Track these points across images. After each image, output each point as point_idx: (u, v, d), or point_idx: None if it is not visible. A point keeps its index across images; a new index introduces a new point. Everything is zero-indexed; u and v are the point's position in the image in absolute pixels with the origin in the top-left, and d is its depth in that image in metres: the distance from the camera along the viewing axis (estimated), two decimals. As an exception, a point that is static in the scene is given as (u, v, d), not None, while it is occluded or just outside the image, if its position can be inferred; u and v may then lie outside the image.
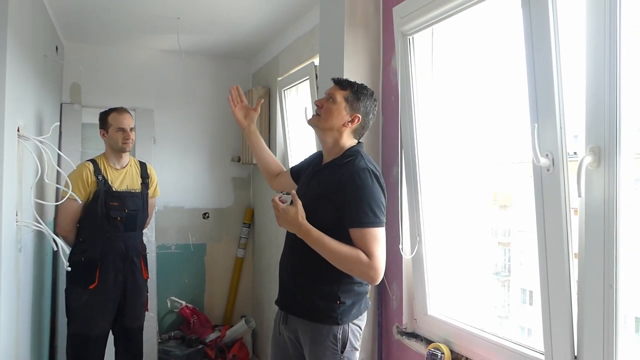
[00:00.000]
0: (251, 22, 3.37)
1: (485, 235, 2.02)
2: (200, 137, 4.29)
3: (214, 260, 4.37)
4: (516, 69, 1.79)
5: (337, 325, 1.69)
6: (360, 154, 1.76)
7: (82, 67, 3.63)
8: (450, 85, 2.02)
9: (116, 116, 2.77)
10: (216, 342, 3.96)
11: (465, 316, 1.89)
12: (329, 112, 1.74)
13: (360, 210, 1.62)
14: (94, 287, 2.69)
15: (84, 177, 2.68)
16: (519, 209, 1.96)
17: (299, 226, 1.64)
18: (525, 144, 1.84)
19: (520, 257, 2.05)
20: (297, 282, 1.77)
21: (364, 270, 1.61)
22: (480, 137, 1.96)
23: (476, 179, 1.99)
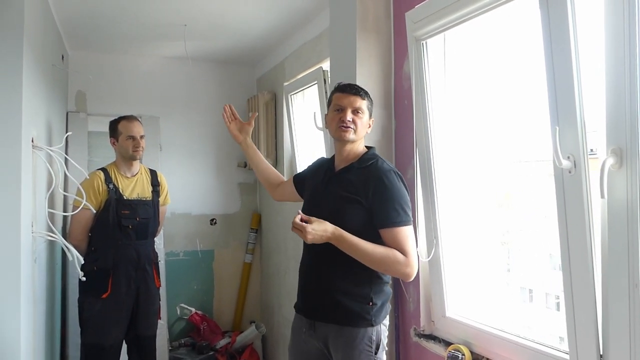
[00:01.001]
0: (257, 28, 3.38)
1: (499, 236, 2.02)
2: (206, 143, 4.30)
3: (222, 266, 4.37)
4: (528, 72, 1.82)
5: (371, 327, 1.72)
6: (379, 157, 1.83)
7: (85, 75, 3.63)
8: (463, 89, 2.04)
9: (126, 124, 2.77)
10: (227, 348, 3.96)
11: (484, 317, 1.90)
12: (362, 124, 1.79)
13: (392, 210, 1.67)
14: (107, 297, 2.69)
15: (95, 186, 2.69)
16: (529, 208, 1.97)
17: (332, 235, 1.65)
18: (539, 144, 1.86)
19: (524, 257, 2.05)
20: (326, 287, 1.76)
21: (401, 269, 1.66)
22: (494, 139, 1.97)
23: (491, 180, 1.99)
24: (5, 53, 1.82)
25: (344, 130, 1.76)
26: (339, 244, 1.66)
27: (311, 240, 1.65)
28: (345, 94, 1.79)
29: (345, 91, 1.80)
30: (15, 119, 1.83)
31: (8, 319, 1.81)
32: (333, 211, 1.72)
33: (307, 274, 1.85)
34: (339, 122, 1.77)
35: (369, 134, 1.96)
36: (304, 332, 1.83)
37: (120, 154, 2.81)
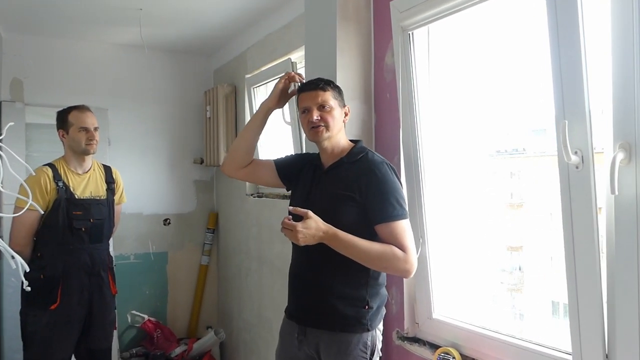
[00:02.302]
0: (219, 15, 3.19)
1: (493, 234, 1.98)
2: (159, 138, 4.03)
3: (177, 269, 4.12)
4: (519, 65, 1.79)
5: (367, 332, 1.64)
6: (368, 149, 1.76)
7: (25, 61, 3.28)
8: (450, 82, 1.98)
9: (78, 115, 2.51)
10: (183, 357, 3.74)
11: (474, 318, 1.85)
12: (333, 119, 1.70)
13: (388, 204, 1.58)
14: (55, 308, 2.42)
15: (42, 183, 2.40)
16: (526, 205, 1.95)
17: (325, 234, 1.55)
18: (533, 139, 1.84)
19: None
20: (320, 291, 1.67)
21: (400, 265, 1.56)
22: (484, 133, 1.93)
23: (480, 175, 1.95)
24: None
25: (316, 132, 1.70)
26: (333, 244, 1.56)
27: (303, 241, 1.54)
28: (307, 92, 1.73)
29: (306, 89, 1.74)
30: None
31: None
32: (325, 210, 1.61)
33: (299, 276, 1.75)
34: (308, 125, 1.70)
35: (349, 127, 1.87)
36: (295, 337, 1.72)
37: (70, 148, 2.53)
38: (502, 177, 2.02)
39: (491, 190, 2.02)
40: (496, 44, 1.87)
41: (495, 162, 1.96)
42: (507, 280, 2.11)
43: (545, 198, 1.90)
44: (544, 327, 1.89)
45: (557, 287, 1.86)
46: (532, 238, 1.99)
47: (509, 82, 1.88)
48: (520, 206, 2.08)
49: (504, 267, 2.06)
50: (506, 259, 2.05)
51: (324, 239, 1.55)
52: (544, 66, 1.49)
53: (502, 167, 1.96)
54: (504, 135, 1.94)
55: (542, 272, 2.00)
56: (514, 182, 2.06)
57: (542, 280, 2.00)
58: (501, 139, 1.93)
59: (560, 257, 1.67)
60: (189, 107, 4.13)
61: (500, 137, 1.93)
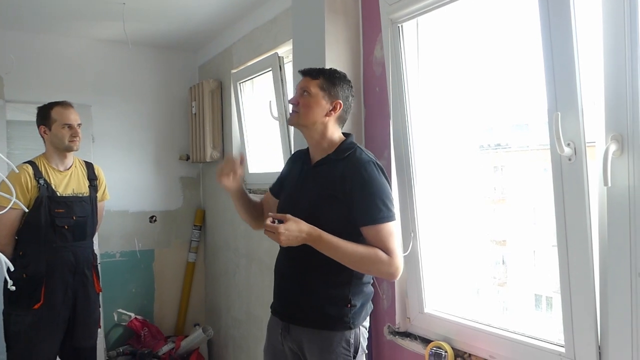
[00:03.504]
0: (203, 10, 3.13)
1: (478, 228, 1.98)
2: (145, 135, 3.96)
3: (163, 266, 4.07)
4: (509, 57, 1.78)
5: (349, 330, 1.61)
6: (357, 146, 1.68)
7: (13, 57, 3.19)
8: (440, 75, 1.97)
9: (61, 111, 2.44)
10: (170, 355, 3.69)
11: (466, 312, 1.85)
12: (307, 106, 1.64)
13: (373, 206, 1.53)
14: (39, 307, 2.37)
15: (22, 181, 2.34)
16: (517, 199, 1.95)
17: (309, 235, 1.52)
18: (525, 132, 1.83)
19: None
20: (303, 289, 1.65)
21: (384, 269, 1.53)
22: (475, 127, 1.92)
23: (472, 169, 1.95)
24: None
25: (291, 116, 1.68)
26: (317, 245, 1.54)
27: (285, 242, 1.51)
28: (301, 77, 1.70)
29: (301, 75, 1.70)
30: None
31: None
32: (309, 210, 1.59)
33: (283, 274, 1.74)
34: None
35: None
36: (279, 333, 1.72)
37: (52, 144, 2.47)
38: (486, 172, 2.02)
39: (476, 185, 2.02)
40: (485, 38, 1.86)
41: (480, 157, 1.95)
42: (492, 273, 2.11)
43: (528, 192, 1.90)
44: (527, 319, 1.90)
45: (541, 281, 1.87)
46: (516, 232, 1.99)
47: (495, 76, 1.87)
48: (503, 200, 2.08)
49: (489, 260, 2.07)
50: (491, 253, 2.05)
51: (307, 241, 1.53)
52: (532, 60, 1.49)
53: (486, 162, 1.95)
54: (487, 130, 1.94)
55: (525, 266, 2.00)
56: (497, 177, 2.06)
57: (526, 274, 2.00)
58: (485, 134, 1.93)
59: (543, 251, 1.67)
60: (174, 103, 4.07)
61: (485, 132, 1.92)
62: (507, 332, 1.65)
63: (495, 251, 2.06)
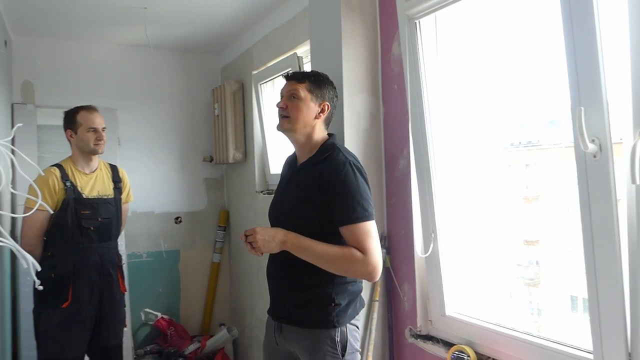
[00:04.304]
0: (223, 12, 3.15)
1: (508, 228, 1.92)
2: (169, 137, 4.02)
3: (189, 267, 4.11)
4: (532, 51, 1.72)
5: (333, 328, 1.62)
6: (337, 147, 1.68)
7: (39, 63, 3.29)
8: (460, 71, 1.91)
9: (86, 115, 2.50)
10: (196, 354, 3.73)
11: (489, 315, 1.79)
12: (297, 110, 1.65)
13: (348, 206, 1.55)
14: (67, 306, 2.42)
15: (50, 184, 2.40)
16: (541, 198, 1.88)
17: (283, 240, 1.57)
18: (549, 129, 1.77)
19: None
20: (288, 289, 1.69)
21: (360, 268, 1.54)
22: (497, 124, 1.86)
23: (494, 168, 1.89)
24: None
25: (280, 120, 1.68)
26: (292, 250, 1.57)
27: (265, 251, 1.58)
28: (286, 82, 1.71)
29: (286, 79, 1.72)
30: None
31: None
32: (290, 214, 1.65)
33: (271, 277, 1.77)
34: (278, 113, 1.69)
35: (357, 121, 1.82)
36: (273, 332, 1.77)
37: (78, 148, 2.52)
38: (517, 170, 1.96)
39: (506, 184, 1.96)
40: (508, 31, 1.80)
41: (510, 155, 1.89)
42: (523, 274, 2.04)
43: (561, 190, 1.83)
44: (562, 322, 1.83)
45: (576, 282, 1.79)
46: (549, 231, 1.92)
47: (522, 71, 1.81)
48: (535, 199, 2.01)
49: (520, 261, 2.00)
50: (522, 253, 1.99)
51: (285, 245, 1.56)
52: (559, 53, 1.42)
53: (517, 160, 1.89)
54: (518, 127, 1.87)
55: (559, 267, 1.93)
56: (529, 175, 1.99)
57: (560, 275, 1.93)
58: (515, 131, 1.86)
59: (578, 251, 1.60)
60: (197, 105, 4.11)
61: (515, 129, 1.86)
62: (532, 336, 1.60)
63: (527, 251, 1.99)
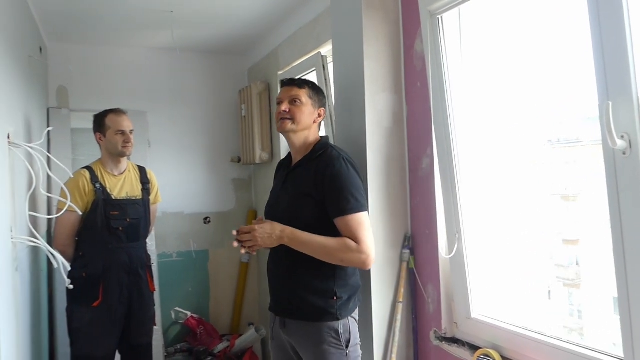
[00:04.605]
0: (248, 14, 3.17)
1: (535, 227, 1.85)
2: (198, 138, 4.08)
3: (218, 266, 4.17)
4: (566, 46, 1.65)
5: (336, 320, 1.69)
6: (329, 145, 1.81)
7: (71, 68, 3.40)
8: (484, 67, 1.86)
9: (115, 118, 2.56)
10: (225, 353, 3.77)
11: (517, 318, 1.74)
12: (300, 113, 1.77)
13: (342, 198, 1.65)
14: (98, 305, 2.48)
15: (80, 186, 2.47)
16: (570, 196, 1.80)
17: (281, 234, 1.65)
18: (577, 125, 1.69)
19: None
20: (290, 285, 1.74)
21: (355, 257, 1.63)
22: (524, 121, 1.80)
23: (521, 166, 1.82)
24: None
25: (282, 123, 1.78)
26: (292, 243, 1.66)
27: (262, 245, 1.66)
28: (283, 87, 1.83)
29: (283, 85, 1.84)
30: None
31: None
32: (288, 210, 1.73)
33: (273, 271, 1.83)
34: (278, 116, 1.79)
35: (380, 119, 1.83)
36: (278, 327, 1.82)
37: (107, 150, 2.59)
38: (556, 168, 1.89)
39: (543, 182, 1.89)
40: (535, 23, 1.74)
41: (549, 153, 1.82)
42: (563, 275, 1.97)
43: (602, 188, 1.75)
44: (604, 324, 1.75)
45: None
46: (590, 231, 1.85)
47: (553, 65, 1.74)
48: (574, 198, 1.94)
49: (560, 261, 1.93)
50: (562, 253, 1.92)
51: (282, 240, 1.65)
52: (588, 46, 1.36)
53: (555, 157, 1.82)
54: (556, 124, 1.80)
55: (601, 267, 1.85)
56: (568, 173, 1.92)
57: (602, 276, 1.85)
58: (554, 128, 1.79)
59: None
60: (224, 107, 4.16)
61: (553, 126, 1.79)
62: (560, 341, 1.53)
63: (567, 251, 1.92)
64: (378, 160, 2.08)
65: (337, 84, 2.33)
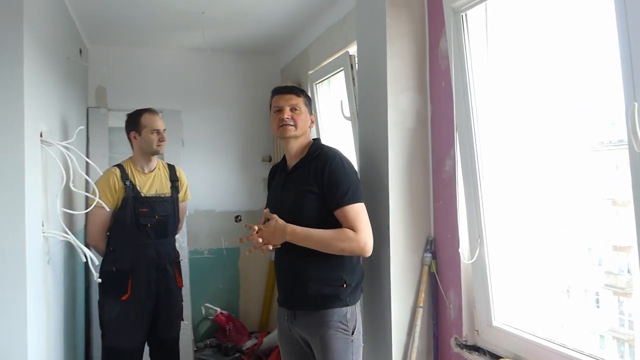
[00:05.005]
0: (278, 13, 3.18)
1: (561, 233, 1.76)
2: (230, 138, 4.15)
3: (248, 264, 4.21)
4: (590, 43, 1.56)
5: (346, 306, 1.78)
6: (323, 145, 1.95)
7: (107, 69, 3.52)
8: (510, 66, 1.79)
9: (150, 117, 2.63)
10: (253, 350, 3.81)
11: (539, 328, 1.66)
12: (301, 120, 1.90)
13: (339, 191, 1.76)
14: (126, 298, 2.56)
15: (110, 183, 2.55)
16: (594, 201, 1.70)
17: (284, 230, 1.74)
18: (605, 128, 1.60)
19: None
20: (300, 277, 1.82)
21: (354, 245, 1.73)
22: (550, 123, 1.71)
23: (546, 169, 1.74)
24: (4, 45, 1.68)
25: (284, 129, 1.88)
26: (292, 239, 1.75)
27: (268, 242, 1.77)
28: (280, 94, 1.93)
29: (280, 92, 1.94)
30: (17, 113, 1.69)
31: (13, 319, 1.68)
32: (292, 208, 1.82)
33: (282, 267, 1.92)
34: (279, 122, 1.89)
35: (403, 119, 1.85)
36: (286, 321, 1.90)
37: (141, 148, 2.65)
38: (604, 172, 1.79)
39: (590, 186, 1.79)
40: (570, 20, 1.65)
41: (594, 155, 1.72)
42: (613, 282, 1.87)
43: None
44: None
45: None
46: None
47: (590, 64, 1.64)
48: (626, 203, 1.82)
49: (610, 268, 1.84)
50: (612, 260, 1.82)
51: (288, 238, 1.74)
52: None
53: (603, 161, 1.72)
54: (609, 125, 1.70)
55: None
56: (619, 177, 1.81)
57: None
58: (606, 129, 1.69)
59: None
60: (256, 106, 4.19)
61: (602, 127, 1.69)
62: (584, 355, 1.45)
63: (617, 258, 1.82)
64: (400, 161, 2.05)
65: (360, 83, 2.31)
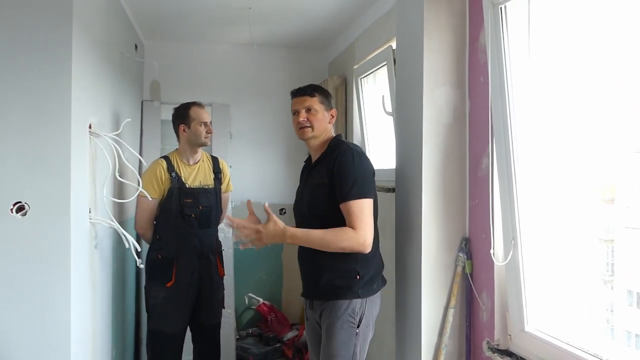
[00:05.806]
0: (325, 7, 3.18)
1: (599, 239, 1.66)
2: (277, 131, 4.21)
3: (292, 256, 4.23)
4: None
5: (357, 298, 1.81)
6: (341, 141, 1.97)
7: (158, 64, 3.67)
8: (553, 62, 1.69)
9: (198, 110, 2.72)
10: (294, 341, 3.86)
11: (574, 336, 1.57)
12: (317, 121, 1.95)
13: (345, 185, 1.78)
14: (171, 285, 2.67)
15: (157, 174, 2.66)
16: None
17: (283, 233, 1.82)
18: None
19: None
20: (316, 267, 1.88)
21: (353, 243, 1.74)
22: (592, 122, 1.61)
23: (585, 172, 1.64)
24: (54, 42, 1.80)
25: (302, 131, 1.97)
26: (294, 240, 1.84)
27: (265, 242, 1.87)
28: (295, 98, 2.00)
29: (295, 95, 2.01)
30: (64, 106, 1.80)
31: (58, 295, 1.80)
32: (309, 202, 1.90)
33: (301, 258, 2.03)
34: (297, 125, 1.98)
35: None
36: (307, 310, 2.01)
37: (189, 140, 2.74)
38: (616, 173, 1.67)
39: (630, 189, 1.68)
40: (620, 15, 1.54)
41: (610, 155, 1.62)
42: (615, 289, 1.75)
43: None
44: None
45: None
46: None
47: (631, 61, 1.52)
48: None
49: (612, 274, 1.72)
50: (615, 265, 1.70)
51: (287, 239, 1.83)
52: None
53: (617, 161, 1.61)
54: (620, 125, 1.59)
55: None
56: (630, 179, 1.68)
57: None
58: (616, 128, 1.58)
59: None
60: (303, 100, 4.22)
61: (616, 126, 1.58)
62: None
63: None
64: (435, 158, 2.00)
65: (398, 78, 2.27)
